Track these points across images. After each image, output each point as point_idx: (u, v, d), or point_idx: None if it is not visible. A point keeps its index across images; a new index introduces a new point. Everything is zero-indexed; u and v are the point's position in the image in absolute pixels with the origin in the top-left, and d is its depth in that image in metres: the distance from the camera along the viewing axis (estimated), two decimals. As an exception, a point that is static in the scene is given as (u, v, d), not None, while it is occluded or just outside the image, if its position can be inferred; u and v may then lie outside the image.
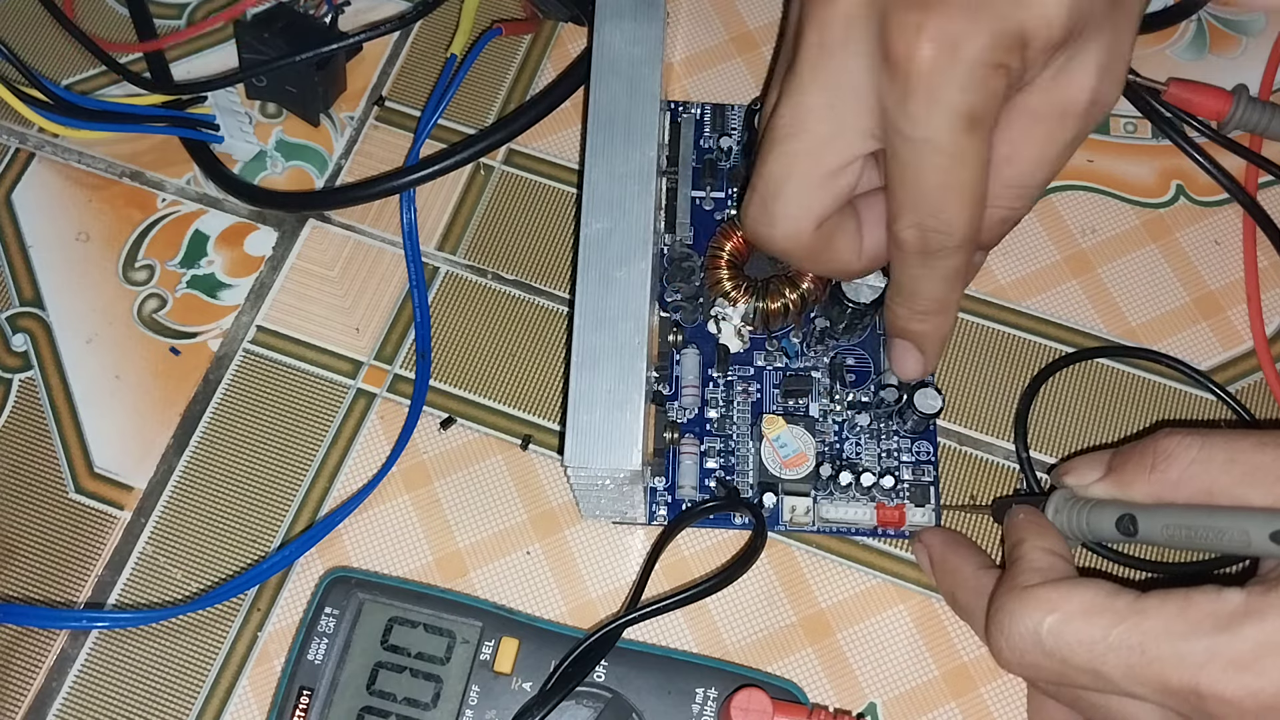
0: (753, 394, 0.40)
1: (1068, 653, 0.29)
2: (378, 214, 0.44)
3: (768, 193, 0.34)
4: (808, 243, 0.34)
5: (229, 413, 0.41)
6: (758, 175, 0.34)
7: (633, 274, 0.35)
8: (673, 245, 0.42)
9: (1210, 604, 0.28)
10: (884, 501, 0.39)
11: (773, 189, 0.34)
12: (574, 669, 0.34)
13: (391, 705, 0.35)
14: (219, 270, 0.43)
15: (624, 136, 0.37)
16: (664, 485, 0.39)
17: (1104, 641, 0.29)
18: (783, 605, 0.38)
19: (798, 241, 0.34)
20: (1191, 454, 0.31)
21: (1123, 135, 0.45)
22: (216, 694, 0.37)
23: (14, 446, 0.41)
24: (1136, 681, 0.28)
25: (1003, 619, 0.31)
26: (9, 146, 0.45)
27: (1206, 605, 0.28)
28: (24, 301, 0.43)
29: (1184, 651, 0.28)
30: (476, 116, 0.45)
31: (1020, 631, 0.30)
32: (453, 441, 0.41)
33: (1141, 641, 0.28)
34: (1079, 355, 0.41)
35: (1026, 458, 0.40)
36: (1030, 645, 0.30)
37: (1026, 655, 0.30)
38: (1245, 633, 0.27)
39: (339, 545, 0.39)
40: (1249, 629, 0.27)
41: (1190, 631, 0.28)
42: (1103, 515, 0.33)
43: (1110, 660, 0.29)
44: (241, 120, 0.44)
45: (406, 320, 0.42)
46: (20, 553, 0.39)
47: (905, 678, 0.37)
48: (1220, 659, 0.27)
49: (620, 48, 0.38)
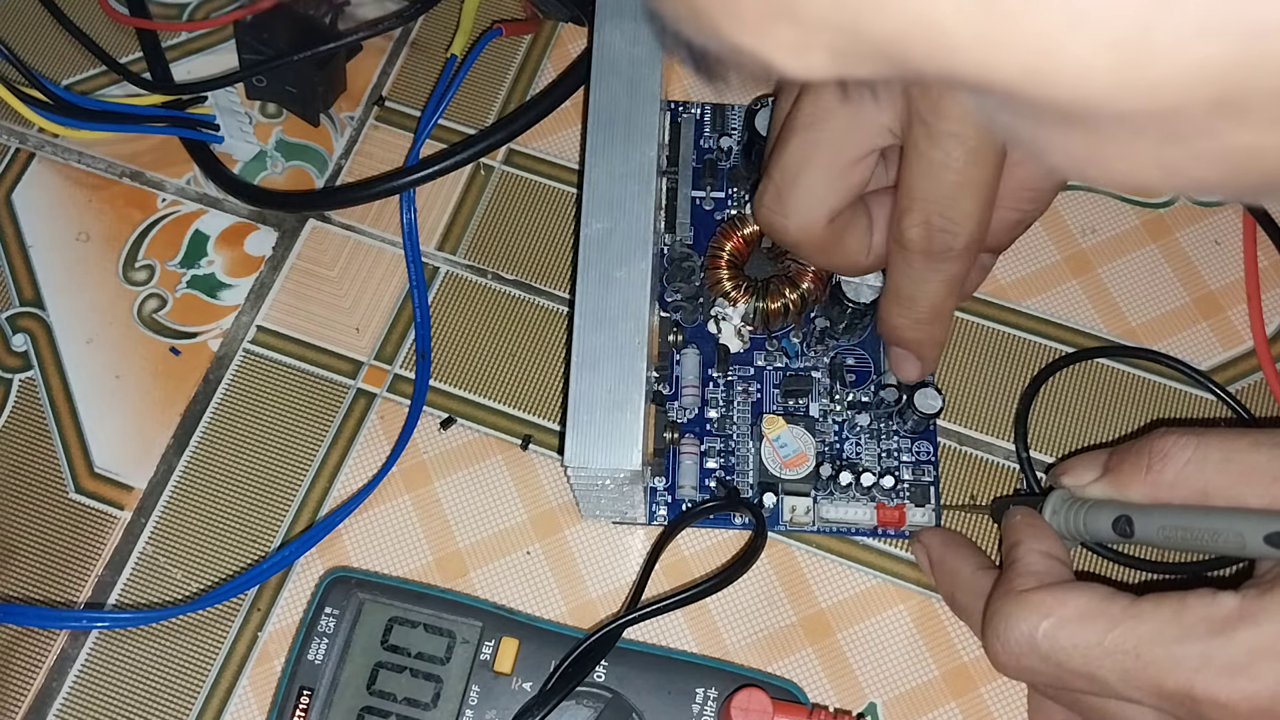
0: (753, 394, 0.40)
1: (1063, 657, 0.29)
2: (378, 214, 0.44)
3: (784, 182, 0.34)
4: (820, 235, 0.34)
5: (229, 413, 0.41)
6: (774, 164, 0.34)
7: (633, 274, 0.35)
8: (673, 245, 0.42)
9: (1205, 608, 0.28)
10: (884, 501, 0.39)
11: (789, 178, 0.33)
12: (574, 669, 0.34)
13: (391, 705, 0.35)
14: (219, 270, 0.43)
15: (624, 136, 0.37)
16: (664, 485, 0.39)
17: (1099, 646, 0.29)
18: (783, 605, 0.38)
19: (810, 233, 0.34)
20: (1187, 454, 0.31)
21: (1123, 135, 0.45)
22: (216, 694, 0.37)
23: (14, 446, 0.41)
24: (1132, 686, 0.29)
25: (998, 623, 0.31)
26: (9, 146, 0.45)
27: (1201, 609, 0.28)
28: (24, 301, 0.43)
29: (1179, 656, 0.28)
30: (476, 116, 0.45)
31: (1016, 636, 0.30)
32: (453, 441, 0.41)
33: (1136, 646, 0.28)
34: (1079, 355, 0.41)
35: (1027, 458, 0.40)
36: (1026, 650, 0.30)
37: (1023, 660, 0.30)
38: (1239, 637, 0.27)
39: (339, 545, 0.39)
40: (1243, 633, 0.27)
41: (1185, 636, 0.28)
42: (1099, 516, 0.33)
43: (1106, 665, 0.29)
44: (241, 120, 0.44)
45: (406, 320, 0.42)
46: (20, 553, 0.39)
47: (905, 678, 0.37)
48: (1214, 663, 0.27)
49: (621, 47, 0.38)
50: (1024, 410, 0.40)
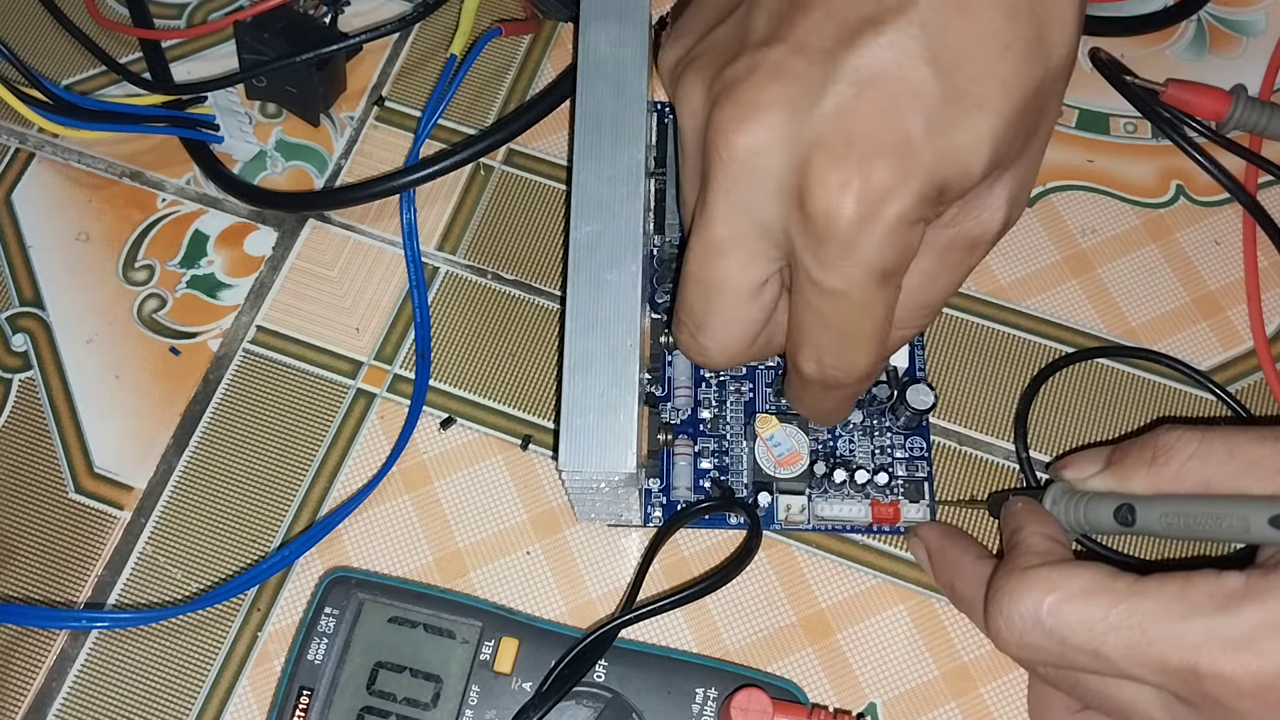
0: (745, 393, 0.40)
1: (1068, 632, 0.30)
2: (378, 214, 0.44)
3: (694, 326, 0.34)
4: (749, 354, 0.35)
5: (229, 413, 0.41)
6: (681, 307, 0.34)
7: (623, 277, 0.35)
8: (662, 246, 0.42)
9: (1210, 585, 0.28)
10: (879, 498, 0.39)
11: (697, 322, 0.34)
12: (571, 670, 0.34)
13: (391, 705, 0.35)
14: (219, 270, 0.43)
15: (611, 139, 0.36)
16: (659, 487, 0.39)
17: (1104, 621, 0.29)
18: (782, 605, 0.38)
19: (738, 357, 0.35)
20: (1191, 448, 0.31)
21: (1123, 135, 0.45)
22: (216, 694, 0.37)
23: (14, 446, 0.41)
24: (1135, 662, 0.29)
25: (1002, 599, 0.31)
26: (9, 146, 0.45)
27: (1206, 586, 0.28)
28: (24, 301, 0.43)
29: (1183, 631, 0.28)
30: (476, 116, 0.45)
31: (1020, 611, 0.30)
32: (453, 441, 0.41)
33: (1141, 621, 0.28)
34: (1079, 355, 0.41)
35: (1026, 458, 0.40)
36: (1030, 625, 0.30)
37: (1026, 635, 0.30)
38: (1244, 613, 0.28)
39: (339, 545, 0.39)
40: (1248, 610, 0.28)
41: (1190, 612, 0.28)
42: (1100, 506, 0.33)
43: (1110, 640, 0.29)
44: (241, 120, 0.44)
45: (406, 320, 0.42)
46: (20, 553, 0.39)
47: (905, 678, 0.37)
48: (1219, 639, 0.27)
49: (605, 50, 0.38)
50: (1024, 410, 0.40)
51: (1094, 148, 0.45)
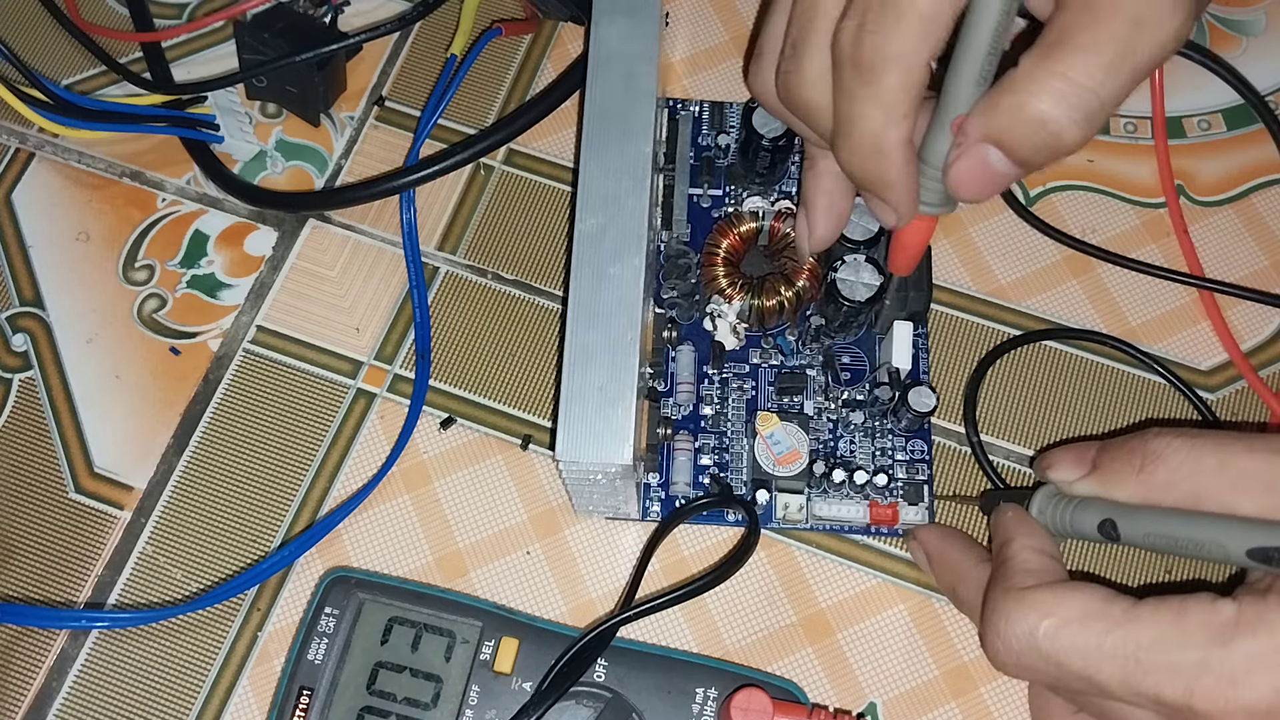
0: (747, 391, 0.40)
1: (1063, 658, 0.29)
2: (378, 214, 0.44)
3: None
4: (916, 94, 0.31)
5: (229, 413, 0.41)
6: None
7: (626, 270, 0.35)
8: (669, 242, 0.42)
9: (1204, 614, 0.28)
10: (877, 500, 0.39)
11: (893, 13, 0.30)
12: (570, 668, 0.34)
13: (391, 705, 0.35)
14: (219, 270, 0.43)
15: (620, 132, 0.37)
16: (658, 481, 0.39)
17: (1099, 650, 0.29)
18: (783, 605, 0.38)
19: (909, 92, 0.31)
20: (1180, 456, 0.30)
21: (1123, 135, 0.45)
22: (216, 694, 0.37)
23: (14, 446, 0.41)
24: (1130, 690, 0.29)
25: (998, 621, 0.31)
26: (9, 146, 0.45)
27: (1200, 615, 0.28)
28: (24, 301, 0.43)
29: (1177, 663, 0.28)
30: (476, 116, 0.45)
31: (1016, 634, 0.30)
32: (453, 441, 0.41)
33: (1135, 650, 0.28)
34: (1025, 338, 0.41)
35: (978, 441, 0.40)
36: (1026, 649, 0.30)
37: (1022, 658, 0.30)
38: (1238, 645, 0.27)
39: (339, 545, 0.39)
40: (1240, 642, 0.27)
41: (1184, 641, 0.28)
42: (1086, 515, 0.32)
43: (1105, 669, 0.29)
44: (241, 120, 0.44)
45: (406, 320, 0.42)
46: (20, 553, 0.39)
47: (905, 678, 0.37)
48: (1212, 672, 0.27)
49: (616, 44, 0.38)
50: (972, 393, 0.40)
51: (1094, 147, 0.45)
